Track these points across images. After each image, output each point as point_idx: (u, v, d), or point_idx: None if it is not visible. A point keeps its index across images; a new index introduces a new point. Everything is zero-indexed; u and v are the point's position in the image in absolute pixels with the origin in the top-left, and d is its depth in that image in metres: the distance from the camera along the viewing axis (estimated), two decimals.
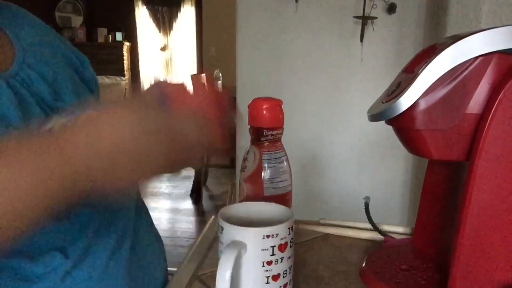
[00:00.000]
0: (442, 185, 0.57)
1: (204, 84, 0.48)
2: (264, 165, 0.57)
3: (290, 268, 0.47)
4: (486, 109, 0.43)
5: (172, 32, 6.62)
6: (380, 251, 0.62)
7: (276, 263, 0.45)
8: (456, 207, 0.47)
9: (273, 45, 1.82)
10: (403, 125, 0.47)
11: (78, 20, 6.34)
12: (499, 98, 0.42)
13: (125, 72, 6.33)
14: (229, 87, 0.49)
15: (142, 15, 6.53)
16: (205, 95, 0.47)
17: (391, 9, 1.68)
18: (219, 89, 0.49)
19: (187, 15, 6.48)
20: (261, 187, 0.57)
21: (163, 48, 6.71)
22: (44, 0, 5.92)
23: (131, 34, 6.47)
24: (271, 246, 0.44)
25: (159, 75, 6.59)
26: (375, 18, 1.69)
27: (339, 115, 1.84)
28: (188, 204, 3.43)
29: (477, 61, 0.43)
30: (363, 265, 0.57)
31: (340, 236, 0.71)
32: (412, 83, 0.43)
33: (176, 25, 6.57)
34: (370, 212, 0.67)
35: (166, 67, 6.78)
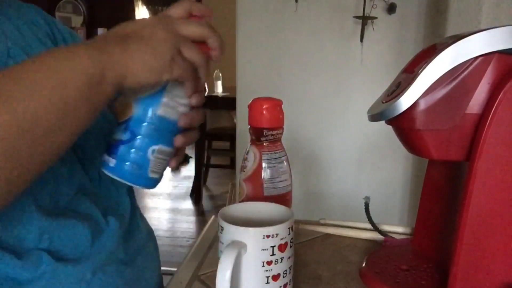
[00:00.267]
0: (442, 185, 0.57)
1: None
2: (264, 165, 0.57)
3: (290, 268, 0.47)
4: (486, 109, 0.43)
5: None
6: (380, 251, 0.62)
7: (276, 263, 0.45)
8: (456, 207, 0.47)
9: (273, 45, 1.82)
10: (403, 125, 0.47)
11: (78, 20, 6.33)
12: (499, 98, 0.42)
13: None
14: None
15: (142, 15, 6.54)
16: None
17: (391, 9, 1.68)
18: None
19: None
20: (261, 187, 0.57)
21: None
22: (44, 0, 5.92)
23: None
24: (271, 246, 0.44)
25: None
26: (375, 18, 1.68)
27: (339, 115, 1.84)
28: (188, 204, 3.43)
29: (477, 61, 0.43)
30: (363, 265, 0.57)
31: (340, 236, 0.71)
32: (412, 83, 0.43)
33: None
34: (370, 212, 0.67)
35: None
